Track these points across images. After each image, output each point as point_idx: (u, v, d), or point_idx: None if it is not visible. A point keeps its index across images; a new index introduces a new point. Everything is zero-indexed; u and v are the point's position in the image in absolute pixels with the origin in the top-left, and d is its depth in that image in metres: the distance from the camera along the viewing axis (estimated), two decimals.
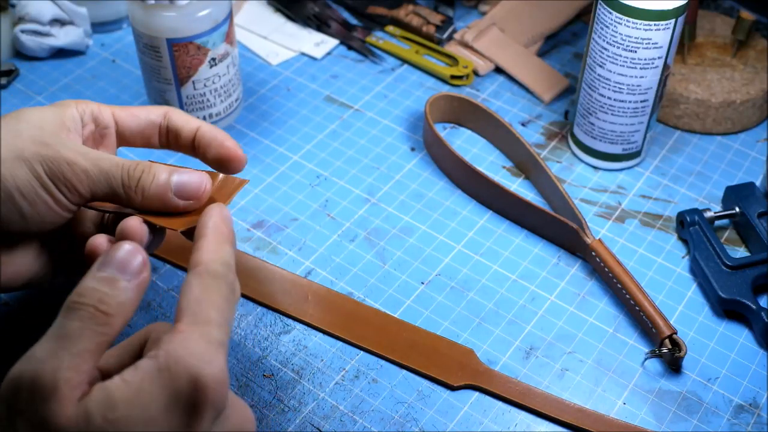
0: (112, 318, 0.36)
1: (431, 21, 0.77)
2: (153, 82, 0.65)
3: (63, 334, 0.35)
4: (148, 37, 0.62)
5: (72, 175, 0.43)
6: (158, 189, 0.44)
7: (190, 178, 0.44)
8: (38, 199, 0.43)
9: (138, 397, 0.34)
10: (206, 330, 0.36)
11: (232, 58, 0.66)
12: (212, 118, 0.67)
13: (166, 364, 0.35)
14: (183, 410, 0.35)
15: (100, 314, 0.35)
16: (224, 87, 0.67)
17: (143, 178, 0.44)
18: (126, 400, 0.34)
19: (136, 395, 0.34)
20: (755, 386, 0.53)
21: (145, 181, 0.43)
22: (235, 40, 0.66)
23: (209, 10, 0.62)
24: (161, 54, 0.63)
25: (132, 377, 0.35)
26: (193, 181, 0.44)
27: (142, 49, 0.64)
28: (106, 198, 0.44)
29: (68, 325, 0.35)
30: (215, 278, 0.38)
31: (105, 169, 0.43)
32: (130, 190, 0.44)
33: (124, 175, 0.43)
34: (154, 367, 0.35)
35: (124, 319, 0.36)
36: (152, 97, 0.67)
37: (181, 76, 0.64)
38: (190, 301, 0.37)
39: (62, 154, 0.43)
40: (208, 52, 0.63)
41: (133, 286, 0.37)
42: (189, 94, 0.65)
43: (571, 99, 0.72)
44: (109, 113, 0.49)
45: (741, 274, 0.57)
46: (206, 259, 0.39)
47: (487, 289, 0.58)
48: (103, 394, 0.34)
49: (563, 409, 0.51)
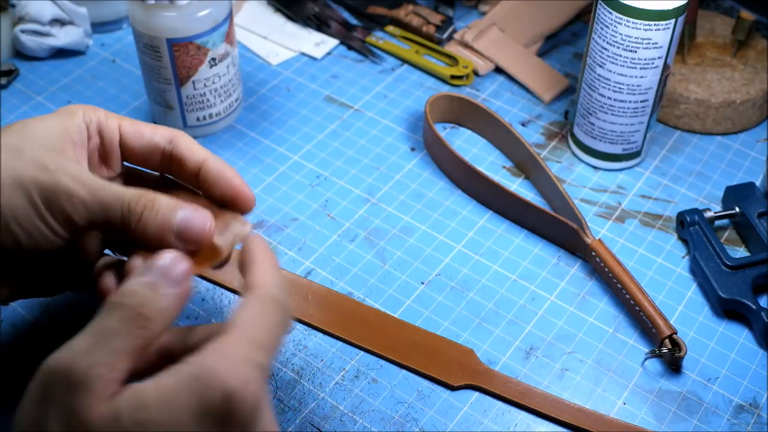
0: (151, 322, 0.36)
1: (431, 21, 0.77)
2: (153, 82, 0.65)
3: (101, 331, 0.35)
4: (148, 37, 0.62)
5: (69, 207, 0.41)
6: (160, 228, 0.42)
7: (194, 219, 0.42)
8: (33, 227, 0.41)
9: (169, 402, 0.34)
10: (251, 350, 0.36)
11: (232, 58, 0.66)
12: (212, 118, 0.67)
13: (202, 374, 0.35)
14: (211, 422, 0.34)
15: (139, 317, 0.36)
16: (224, 87, 0.66)
17: (145, 215, 0.42)
18: (156, 403, 0.34)
19: (167, 399, 0.34)
20: (755, 386, 0.53)
21: (147, 218, 0.42)
22: (235, 40, 0.66)
23: (209, 10, 0.62)
24: (161, 54, 0.63)
25: (166, 381, 0.35)
26: (197, 224, 0.42)
27: (142, 49, 0.64)
28: (104, 228, 0.43)
29: (107, 323, 0.36)
30: (274, 303, 0.39)
31: (104, 202, 0.42)
32: (129, 226, 0.42)
33: (125, 209, 0.42)
34: (189, 374, 0.35)
35: (162, 326, 0.37)
36: (152, 97, 0.67)
37: (181, 76, 0.64)
38: (244, 319, 0.37)
39: (61, 183, 0.41)
40: (208, 52, 0.63)
41: (173, 294, 0.37)
42: (189, 94, 0.65)
43: (571, 99, 0.72)
44: (115, 125, 0.47)
45: (741, 274, 0.57)
46: (264, 283, 0.39)
47: (487, 289, 0.58)
48: (134, 395, 0.34)
49: (563, 409, 0.51)
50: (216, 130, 0.69)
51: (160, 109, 0.67)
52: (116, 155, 0.48)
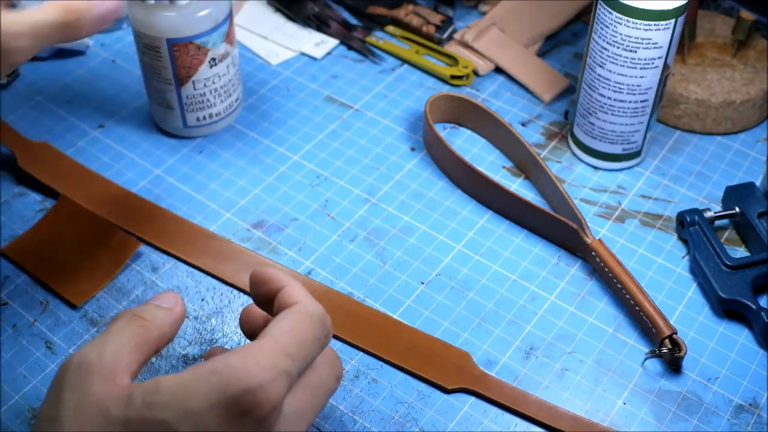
0: (149, 323, 0.40)
1: (431, 21, 0.77)
2: (153, 82, 0.65)
3: (107, 331, 0.40)
4: (148, 37, 0.62)
5: None
6: None
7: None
8: None
9: (183, 389, 0.36)
10: (279, 356, 0.37)
11: (232, 58, 0.66)
12: (212, 118, 0.67)
13: (223, 370, 0.36)
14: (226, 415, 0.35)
15: (138, 318, 0.40)
16: (224, 87, 0.66)
17: None
18: (170, 388, 0.36)
19: (181, 386, 0.36)
20: (755, 386, 0.53)
21: None
22: (235, 40, 0.66)
23: (209, 10, 0.62)
24: (161, 54, 0.63)
25: (185, 373, 0.36)
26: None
27: (142, 49, 0.64)
28: None
29: (112, 326, 0.40)
30: (312, 317, 0.40)
31: None
32: None
33: None
34: (208, 368, 0.36)
35: (159, 331, 0.41)
36: (152, 97, 0.67)
37: (181, 76, 0.64)
38: (276, 329, 0.39)
39: None
40: (208, 52, 0.63)
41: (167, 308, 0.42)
42: (189, 94, 0.65)
43: (571, 99, 0.72)
44: None
45: (741, 274, 0.57)
46: (301, 300, 0.41)
47: (487, 289, 0.58)
48: (152, 382, 0.36)
49: (557, 416, 0.51)
50: (216, 130, 0.69)
51: (161, 109, 0.67)
52: None
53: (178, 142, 0.68)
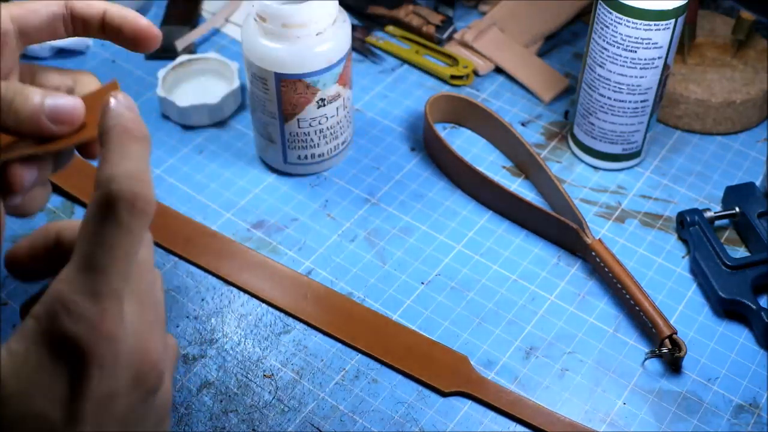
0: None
1: (431, 21, 0.77)
2: (258, 112, 0.63)
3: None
4: (257, 68, 0.60)
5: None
6: (31, 112, 0.42)
7: (65, 102, 0.42)
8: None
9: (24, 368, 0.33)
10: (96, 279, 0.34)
11: (344, 100, 0.63)
12: (314, 158, 0.65)
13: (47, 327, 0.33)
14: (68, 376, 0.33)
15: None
16: (331, 129, 0.63)
17: (15, 100, 0.42)
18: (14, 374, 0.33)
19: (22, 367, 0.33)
20: (755, 386, 0.53)
21: (18, 103, 0.42)
22: (350, 82, 0.63)
23: (324, 48, 0.59)
24: (268, 87, 0.60)
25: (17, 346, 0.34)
26: (67, 105, 0.42)
27: (251, 78, 0.61)
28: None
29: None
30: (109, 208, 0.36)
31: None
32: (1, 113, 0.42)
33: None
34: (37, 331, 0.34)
35: None
36: (256, 126, 0.64)
37: (286, 112, 0.61)
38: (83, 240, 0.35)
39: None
40: (318, 92, 0.60)
41: None
42: (292, 131, 0.62)
43: (571, 99, 0.72)
44: (6, 16, 0.47)
45: (741, 274, 0.57)
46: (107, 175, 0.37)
47: (487, 289, 0.58)
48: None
49: (553, 421, 0.51)
50: (318, 171, 0.66)
51: (262, 140, 0.64)
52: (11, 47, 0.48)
53: (178, 142, 0.68)
